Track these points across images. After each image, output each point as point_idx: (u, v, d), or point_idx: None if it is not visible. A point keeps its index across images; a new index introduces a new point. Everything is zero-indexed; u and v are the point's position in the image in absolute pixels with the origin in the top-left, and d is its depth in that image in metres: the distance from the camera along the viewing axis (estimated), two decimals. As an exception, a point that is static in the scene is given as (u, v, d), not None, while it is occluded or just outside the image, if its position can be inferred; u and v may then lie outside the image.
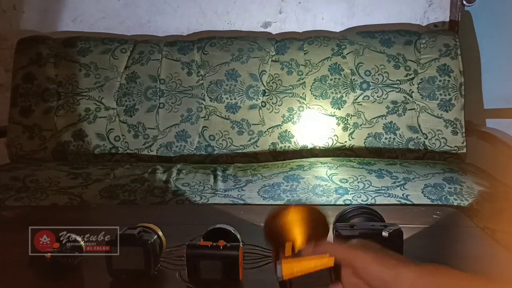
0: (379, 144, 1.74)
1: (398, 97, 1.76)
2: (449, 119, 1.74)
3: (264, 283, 0.81)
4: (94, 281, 0.84)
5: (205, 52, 1.83)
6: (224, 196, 1.38)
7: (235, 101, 1.79)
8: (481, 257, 0.92)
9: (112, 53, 1.83)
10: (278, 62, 1.82)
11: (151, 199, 1.38)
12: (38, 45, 1.83)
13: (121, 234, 0.78)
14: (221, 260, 0.76)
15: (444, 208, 1.22)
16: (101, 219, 1.19)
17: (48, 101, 1.79)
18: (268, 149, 1.77)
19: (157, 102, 1.80)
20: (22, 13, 1.97)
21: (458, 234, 1.07)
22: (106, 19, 1.97)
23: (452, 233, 1.06)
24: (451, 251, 0.95)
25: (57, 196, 1.39)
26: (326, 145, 1.77)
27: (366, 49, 1.79)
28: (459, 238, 1.05)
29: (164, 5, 1.97)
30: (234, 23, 1.98)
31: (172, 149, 1.78)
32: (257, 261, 0.86)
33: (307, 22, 1.97)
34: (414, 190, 1.38)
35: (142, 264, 0.78)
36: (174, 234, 0.89)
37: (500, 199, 1.37)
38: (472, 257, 0.93)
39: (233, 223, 0.88)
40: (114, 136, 1.78)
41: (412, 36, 1.82)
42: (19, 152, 1.77)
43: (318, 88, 1.78)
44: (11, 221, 1.12)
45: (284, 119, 1.78)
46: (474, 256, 0.94)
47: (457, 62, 1.77)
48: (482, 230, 1.06)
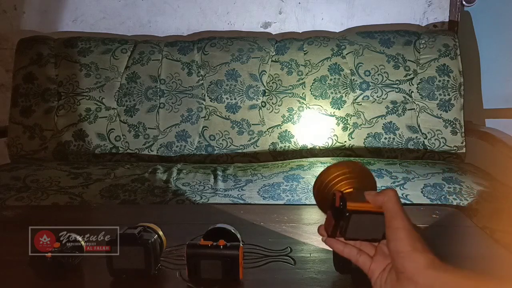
0: (379, 144, 1.74)
1: (398, 97, 1.77)
2: (448, 119, 1.75)
3: (264, 283, 0.81)
4: (94, 281, 0.84)
5: (205, 52, 1.83)
6: (224, 195, 1.38)
7: (235, 101, 1.80)
8: (480, 257, 0.93)
9: (112, 53, 1.83)
10: (278, 62, 1.82)
11: (152, 199, 1.38)
12: (38, 45, 1.84)
13: (121, 234, 0.78)
14: (221, 259, 0.77)
15: (444, 208, 1.23)
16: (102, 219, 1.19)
17: (49, 101, 1.80)
18: (268, 149, 1.78)
19: (158, 102, 1.80)
20: (22, 13, 1.97)
21: (457, 233, 1.07)
22: (106, 19, 1.98)
23: (451, 233, 1.06)
24: (450, 250, 0.96)
25: (58, 196, 1.39)
26: (326, 145, 1.77)
27: (366, 49, 1.80)
28: (459, 238, 1.05)
29: (164, 6, 1.97)
30: (234, 24, 1.98)
31: (173, 149, 1.78)
32: (257, 261, 0.87)
33: (307, 22, 1.97)
34: (413, 190, 1.39)
35: (142, 263, 0.78)
36: (174, 233, 0.90)
37: (500, 198, 1.37)
38: (471, 257, 0.93)
39: (233, 223, 0.88)
40: (115, 136, 1.79)
41: (412, 36, 1.82)
42: (20, 152, 1.77)
43: (318, 88, 1.79)
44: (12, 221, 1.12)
45: (284, 119, 1.78)
46: (474, 256, 0.94)
47: (457, 62, 1.77)
48: (482, 229, 1.06)
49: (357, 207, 0.57)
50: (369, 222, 0.57)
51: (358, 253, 0.61)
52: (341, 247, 0.62)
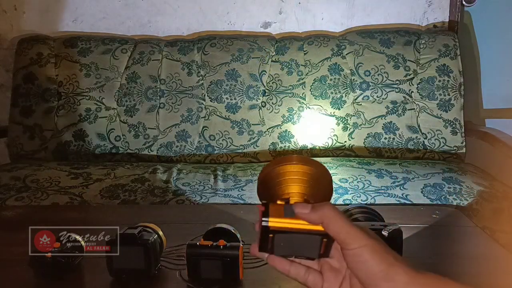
0: (379, 144, 1.74)
1: (398, 97, 1.77)
2: (448, 119, 1.75)
3: (264, 283, 0.81)
4: (94, 280, 0.84)
5: (205, 52, 1.83)
6: (224, 196, 1.39)
7: (235, 101, 1.80)
8: (480, 257, 0.93)
9: (112, 53, 1.83)
10: (278, 62, 1.82)
11: (152, 199, 1.38)
12: (38, 45, 1.84)
13: (121, 234, 0.78)
14: (221, 259, 0.76)
15: (444, 208, 1.23)
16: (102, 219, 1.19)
17: (49, 101, 1.80)
18: (268, 149, 1.78)
19: (158, 102, 1.80)
20: (22, 14, 1.97)
21: (457, 233, 1.07)
22: (106, 19, 1.97)
23: (451, 233, 1.06)
24: (450, 250, 0.96)
25: (58, 196, 1.39)
26: (326, 145, 1.77)
27: (366, 49, 1.80)
28: (459, 238, 1.05)
29: (165, 6, 1.97)
30: (234, 24, 1.98)
31: (173, 149, 1.78)
32: (257, 261, 0.87)
33: (307, 22, 1.97)
34: (413, 190, 1.39)
35: (142, 263, 0.78)
36: (174, 233, 0.90)
37: (499, 198, 1.37)
38: (471, 257, 0.93)
39: (233, 223, 0.88)
40: (115, 136, 1.79)
41: (412, 36, 1.82)
42: (20, 152, 1.77)
43: (318, 88, 1.79)
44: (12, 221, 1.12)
45: (284, 119, 1.78)
46: (473, 256, 0.94)
47: (457, 62, 1.77)
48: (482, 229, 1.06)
49: (283, 225, 0.47)
50: (300, 241, 0.48)
51: (306, 272, 0.51)
52: (286, 266, 0.51)
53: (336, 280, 0.50)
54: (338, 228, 0.46)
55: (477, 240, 1.01)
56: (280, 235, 0.47)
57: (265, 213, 0.47)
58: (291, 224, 0.47)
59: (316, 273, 0.51)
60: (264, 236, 0.48)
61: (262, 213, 0.47)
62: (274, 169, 0.51)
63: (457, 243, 1.02)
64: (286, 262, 0.51)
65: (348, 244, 0.46)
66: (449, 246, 0.98)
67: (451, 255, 0.93)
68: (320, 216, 0.46)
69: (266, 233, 0.47)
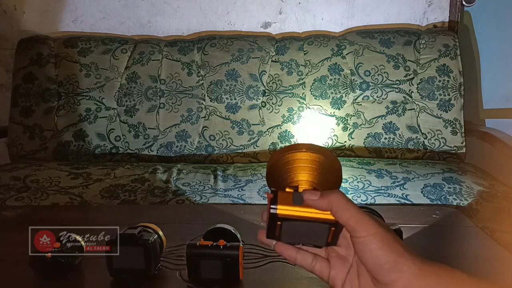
0: (379, 144, 1.74)
1: (398, 97, 1.77)
2: (448, 119, 1.75)
3: (264, 283, 0.81)
4: (94, 281, 0.84)
5: (205, 53, 1.83)
6: (224, 196, 1.39)
7: (235, 101, 1.80)
8: (480, 257, 0.93)
9: (112, 53, 1.83)
10: (278, 62, 1.82)
11: (152, 199, 1.38)
12: (38, 46, 1.84)
13: (121, 234, 0.78)
14: (221, 259, 0.76)
15: (444, 208, 1.22)
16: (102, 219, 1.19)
17: (49, 101, 1.80)
18: (268, 149, 1.78)
19: (158, 102, 1.80)
20: (22, 14, 1.97)
21: (457, 233, 1.07)
22: (106, 19, 1.98)
23: (451, 233, 1.06)
24: (450, 250, 0.96)
25: (58, 196, 1.39)
26: (326, 145, 1.77)
27: (366, 50, 1.80)
28: (459, 238, 1.05)
29: (164, 6, 1.97)
30: (234, 24, 1.98)
31: (173, 149, 1.78)
32: (257, 261, 0.87)
33: (307, 22, 1.97)
34: (413, 190, 1.39)
35: (142, 263, 0.78)
36: (174, 233, 0.90)
37: (499, 198, 1.37)
38: (471, 257, 0.93)
39: (233, 223, 0.88)
40: (115, 136, 1.79)
41: (412, 36, 1.82)
42: (20, 152, 1.77)
43: (318, 88, 1.79)
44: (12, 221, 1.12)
45: (284, 119, 1.78)
46: (473, 256, 0.94)
47: (457, 62, 1.77)
48: (482, 229, 1.06)
49: (291, 213, 0.47)
50: (307, 229, 0.48)
51: (314, 259, 0.51)
52: (293, 253, 0.51)
53: (343, 267, 0.50)
54: (347, 215, 0.45)
55: (477, 240, 1.01)
56: (288, 222, 0.47)
57: (274, 201, 0.47)
58: (299, 212, 0.47)
59: (323, 260, 0.51)
60: (272, 223, 0.48)
61: (270, 201, 0.47)
62: (283, 157, 0.50)
63: (457, 243, 1.02)
64: (293, 249, 0.51)
65: (357, 232, 0.45)
66: (449, 246, 0.98)
67: (451, 255, 0.93)
68: (329, 202, 0.46)
69: (274, 220, 0.47)
